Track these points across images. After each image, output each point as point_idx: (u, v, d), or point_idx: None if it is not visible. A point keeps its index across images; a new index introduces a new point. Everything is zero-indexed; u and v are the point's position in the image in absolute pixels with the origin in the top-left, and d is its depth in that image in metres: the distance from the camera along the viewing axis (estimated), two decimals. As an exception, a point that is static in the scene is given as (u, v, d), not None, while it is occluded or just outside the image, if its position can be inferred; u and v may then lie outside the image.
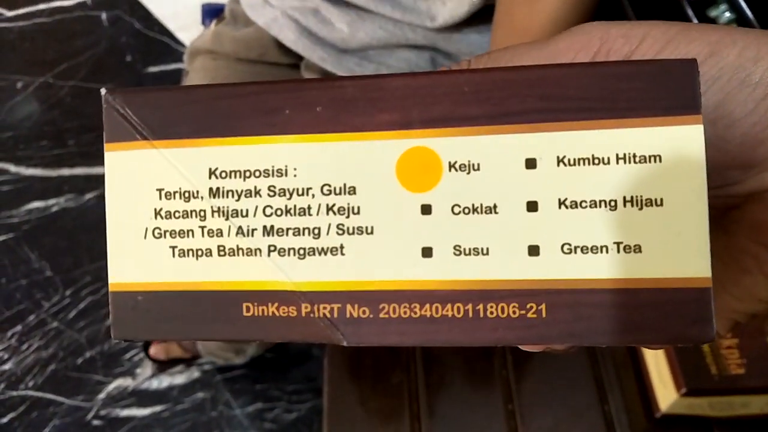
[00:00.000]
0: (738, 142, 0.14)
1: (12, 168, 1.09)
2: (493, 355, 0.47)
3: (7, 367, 0.92)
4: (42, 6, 1.26)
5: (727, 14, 0.57)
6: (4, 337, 0.94)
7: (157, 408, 0.89)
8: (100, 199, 1.04)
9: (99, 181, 1.05)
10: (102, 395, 0.90)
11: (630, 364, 0.46)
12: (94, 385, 0.91)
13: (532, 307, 0.12)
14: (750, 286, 0.15)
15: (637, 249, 0.12)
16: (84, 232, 1.02)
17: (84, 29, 1.23)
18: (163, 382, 0.91)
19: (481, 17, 0.49)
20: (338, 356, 0.48)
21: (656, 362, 0.44)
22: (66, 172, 1.08)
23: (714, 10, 0.59)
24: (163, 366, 0.91)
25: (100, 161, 1.12)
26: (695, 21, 0.58)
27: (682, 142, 0.12)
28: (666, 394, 0.43)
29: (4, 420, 0.88)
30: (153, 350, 0.90)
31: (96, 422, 0.88)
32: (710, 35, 0.14)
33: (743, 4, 0.55)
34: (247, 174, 0.13)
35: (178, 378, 0.91)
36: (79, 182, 1.07)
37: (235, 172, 0.13)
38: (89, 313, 0.95)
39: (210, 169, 0.14)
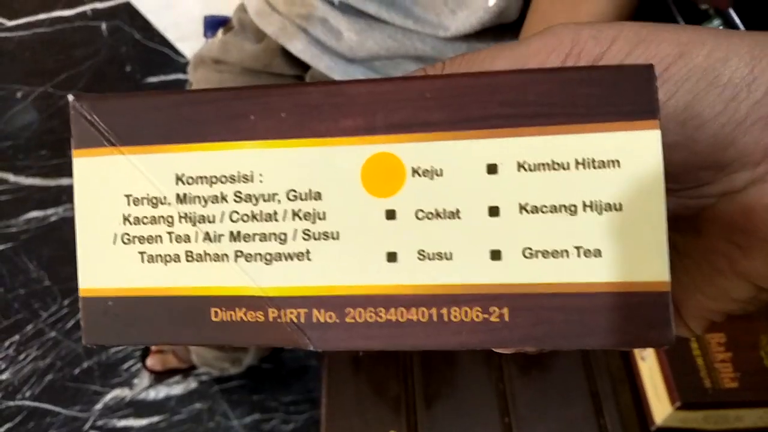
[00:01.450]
0: (708, 143, 0.14)
1: (11, 177, 1.09)
2: (490, 367, 0.47)
3: (4, 377, 0.92)
4: (42, 16, 1.26)
5: (721, 29, 0.58)
6: (1, 347, 0.94)
7: (155, 419, 0.89)
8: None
9: (98, 191, 1.05)
10: (99, 406, 0.90)
11: (625, 378, 0.47)
12: (91, 395, 0.90)
13: (494, 311, 0.13)
14: (723, 285, 0.15)
15: (597, 253, 0.12)
16: (82, 242, 1.01)
17: (84, 39, 1.23)
18: (161, 392, 0.90)
19: (490, 31, 0.50)
20: (336, 367, 0.48)
21: (651, 376, 0.45)
22: (65, 181, 1.08)
23: (707, 25, 0.59)
24: (160, 376, 0.91)
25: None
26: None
27: (641, 147, 0.12)
28: (661, 407, 0.43)
29: (1, 430, 0.88)
30: (150, 361, 0.90)
31: (92, 433, 0.88)
32: (680, 36, 0.14)
33: (736, 19, 0.56)
34: (214, 180, 0.13)
35: (175, 388, 0.90)
36: (77, 192, 1.07)
37: (202, 178, 0.14)
38: (87, 322, 0.95)
39: (177, 175, 0.14)
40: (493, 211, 0.13)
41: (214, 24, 0.68)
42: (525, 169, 0.12)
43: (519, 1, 0.48)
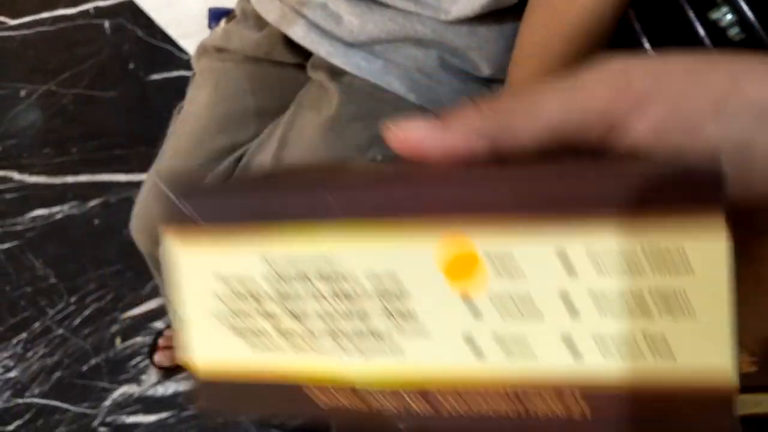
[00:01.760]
0: (763, 181, 0.13)
1: (16, 175, 1.09)
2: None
3: (12, 374, 0.92)
4: (45, 14, 1.26)
5: (729, 16, 0.57)
6: (9, 345, 0.94)
7: (164, 414, 0.89)
8: (104, 206, 1.04)
9: (102, 189, 1.06)
10: (107, 402, 0.90)
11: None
12: (100, 392, 0.90)
13: (576, 407, 0.13)
14: None
15: (664, 345, 0.13)
16: (88, 239, 1.02)
17: (87, 37, 1.23)
18: (169, 388, 0.90)
19: (491, 15, 0.50)
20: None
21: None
22: (70, 179, 1.08)
23: (715, 13, 0.59)
24: (168, 372, 0.91)
25: (104, 169, 1.11)
26: (696, 23, 0.58)
27: (706, 239, 0.12)
28: (677, 393, 0.43)
29: (10, 428, 0.88)
30: (158, 357, 0.90)
31: (102, 429, 0.88)
32: (730, 67, 0.13)
33: (744, 6, 0.55)
34: (298, 262, 0.14)
35: (183, 384, 0.91)
36: (82, 189, 1.07)
37: (286, 259, 0.14)
38: (94, 320, 0.95)
39: (263, 255, 0.14)
40: (566, 299, 0.13)
41: (218, 15, 0.69)
42: (593, 256, 0.13)
43: None
